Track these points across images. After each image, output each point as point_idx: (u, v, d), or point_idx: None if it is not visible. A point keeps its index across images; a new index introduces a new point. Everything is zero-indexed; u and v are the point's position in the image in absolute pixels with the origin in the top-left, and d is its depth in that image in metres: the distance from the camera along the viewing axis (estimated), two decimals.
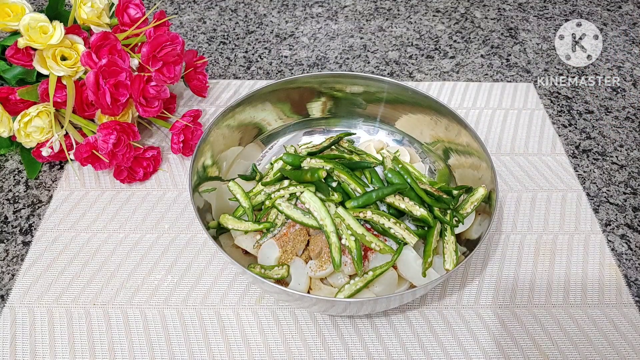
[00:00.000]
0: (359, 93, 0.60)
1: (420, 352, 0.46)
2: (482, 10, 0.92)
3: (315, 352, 0.46)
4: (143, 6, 0.60)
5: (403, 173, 0.49)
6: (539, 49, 0.82)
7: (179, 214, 0.57)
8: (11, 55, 0.52)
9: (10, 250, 0.53)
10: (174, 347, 0.46)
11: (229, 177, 0.55)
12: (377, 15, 0.90)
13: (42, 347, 0.46)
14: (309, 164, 0.50)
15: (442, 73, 0.77)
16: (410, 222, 0.48)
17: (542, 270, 0.52)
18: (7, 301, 0.49)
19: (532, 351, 0.46)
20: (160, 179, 0.60)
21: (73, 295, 0.49)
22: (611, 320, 0.48)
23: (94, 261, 0.52)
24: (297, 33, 0.85)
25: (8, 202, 0.58)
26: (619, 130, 0.68)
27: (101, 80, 0.52)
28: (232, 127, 0.56)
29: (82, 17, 0.56)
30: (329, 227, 0.46)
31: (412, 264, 0.45)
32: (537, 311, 0.49)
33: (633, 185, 0.61)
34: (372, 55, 0.80)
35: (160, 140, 0.65)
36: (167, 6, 0.91)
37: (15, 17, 0.53)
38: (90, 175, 0.60)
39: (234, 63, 0.78)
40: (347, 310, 0.44)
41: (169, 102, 0.65)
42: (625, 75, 0.77)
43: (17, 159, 0.63)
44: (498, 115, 0.70)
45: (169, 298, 0.49)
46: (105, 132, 0.54)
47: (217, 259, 0.53)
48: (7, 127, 0.55)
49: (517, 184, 0.60)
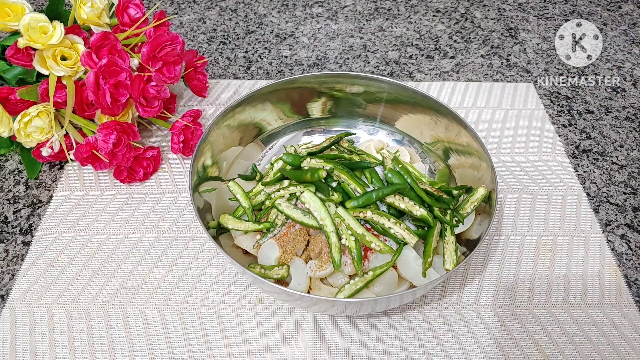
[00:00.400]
0: (359, 93, 0.60)
1: (420, 352, 0.46)
2: (482, 10, 0.92)
3: (315, 352, 0.46)
4: (143, 6, 0.60)
5: (403, 173, 0.49)
6: (539, 49, 0.82)
7: (179, 214, 0.57)
8: (11, 55, 0.52)
9: (10, 250, 0.53)
10: (174, 347, 0.46)
11: (229, 177, 0.55)
12: (377, 15, 0.90)
13: (42, 347, 0.46)
14: (309, 164, 0.50)
15: (442, 73, 0.77)
16: (410, 222, 0.48)
17: (542, 270, 0.52)
18: (7, 301, 0.49)
19: (532, 351, 0.46)
20: (160, 179, 0.60)
21: (73, 295, 0.49)
22: (611, 320, 0.48)
23: (94, 261, 0.52)
24: (297, 33, 0.85)
25: (8, 202, 0.58)
26: (619, 130, 0.68)
27: (101, 80, 0.52)
28: (232, 127, 0.56)
29: (82, 17, 0.56)
30: (329, 227, 0.46)
31: (412, 264, 0.45)
32: (537, 311, 0.49)
33: (633, 185, 0.61)
34: (372, 55, 0.80)
35: (160, 140, 0.65)
36: (167, 6, 0.91)
37: (15, 17, 0.53)
38: (90, 175, 0.60)
39: (234, 63, 0.78)
40: (347, 310, 0.44)
41: (169, 102, 0.65)
42: (625, 75, 0.77)
43: (17, 159, 0.63)
44: (498, 115, 0.70)
45: (169, 298, 0.49)
46: (105, 132, 0.54)
47: (217, 259, 0.53)
48: (7, 127, 0.55)
49: (517, 184, 0.60)
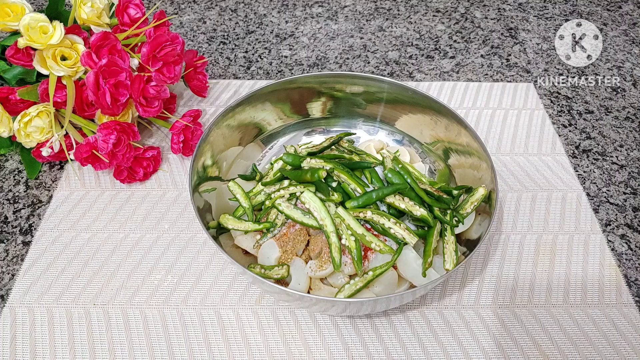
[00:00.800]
0: (359, 93, 0.60)
1: (420, 352, 0.46)
2: (482, 10, 0.92)
3: (315, 352, 0.46)
4: (143, 6, 0.60)
5: (403, 173, 0.49)
6: (539, 49, 0.82)
7: (179, 214, 0.57)
8: (11, 55, 0.52)
9: (10, 250, 0.53)
10: (174, 347, 0.46)
11: (229, 177, 0.55)
12: (377, 15, 0.89)
13: (42, 347, 0.46)
14: (309, 164, 0.50)
15: (442, 73, 0.77)
16: (410, 222, 0.48)
17: (542, 270, 0.52)
18: (7, 301, 0.49)
19: (532, 351, 0.46)
20: (160, 179, 0.60)
21: (73, 295, 0.49)
22: (611, 320, 0.48)
23: (94, 261, 0.52)
24: (297, 33, 0.85)
25: (8, 202, 0.58)
26: (619, 130, 0.68)
27: (101, 80, 0.52)
28: (232, 127, 0.56)
29: (82, 17, 0.56)
30: (329, 227, 0.46)
31: (412, 264, 0.45)
32: (537, 311, 0.49)
33: (633, 185, 0.61)
34: (372, 55, 0.80)
35: (160, 140, 0.65)
36: (167, 6, 0.91)
37: (15, 17, 0.53)
38: (90, 175, 0.60)
39: (234, 63, 0.78)
40: (347, 310, 0.44)
41: (169, 102, 0.65)
42: (625, 75, 0.77)
43: (17, 159, 0.63)
44: (498, 115, 0.70)
45: (169, 298, 0.49)
46: (105, 132, 0.54)
47: (217, 259, 0.53)
48: (7, 127, 0.55)
49: (517, 184, 0.60)
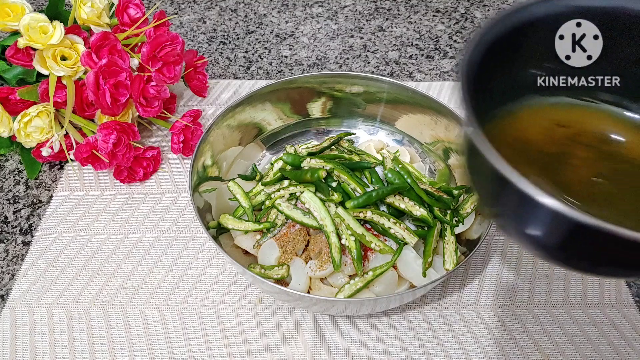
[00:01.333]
0: (359, 93, 0.60)
1: (420, 352, 0.46)
2: (482, 10, 0.92)
3: (315, 352, 0.46)
4: (143, 6, 0.60)
5: (403, 173, 0.49)
6: None
7: (179, 214, 0.57)
8: (11, 55, 0.52)
9: (10, 250, 0.53)
10: (174, 347, 0.46)
11: (229, 177, 0.55)
12: (377, 15, 0.89)
13: (42, 347, 0.46)
14: (309, 164, 0.50)
15: (442, 73, 0.77)
16: (410, 222, 0.48)
17: (542, 270, 0.52)
18: (7, 301, 0.49)
19: (532, 351, 0.46)
20: (160, 179, 0.60)
21: (73, 295, 0.49)
22: (611, 320, 0.48)
23: (94, 261, 0.52)
24: (297, 33, 0.85)
25: (8, 202, 0.58)
26: None
27: (101, 80, 0.52)
28: (232, 127, 0.56)
29: (82, 17, 0.56)
30: (329, 227, 0.45)
31: (412, 264, 0.45)
32: (537, 311, 0.49)
33: None
34: (372, 55, 0.80)
35: (160, 140, 0.65)
36: (167, 6, 0.91)
37: (15, 17, 0.52)
38: (90, 175, 0.60)
39: (234, 63, 0.78)
40: (347, 310, 0.44)
41: (169, 102, 0.65)
42: None
43: (17, 159, 0.63)
44: None
45: (169, 298, 0.49)
46: (105, 132, 0.53)
47: (217, 259, 0.53)
48: (7, 127, 0.55)
49: None
